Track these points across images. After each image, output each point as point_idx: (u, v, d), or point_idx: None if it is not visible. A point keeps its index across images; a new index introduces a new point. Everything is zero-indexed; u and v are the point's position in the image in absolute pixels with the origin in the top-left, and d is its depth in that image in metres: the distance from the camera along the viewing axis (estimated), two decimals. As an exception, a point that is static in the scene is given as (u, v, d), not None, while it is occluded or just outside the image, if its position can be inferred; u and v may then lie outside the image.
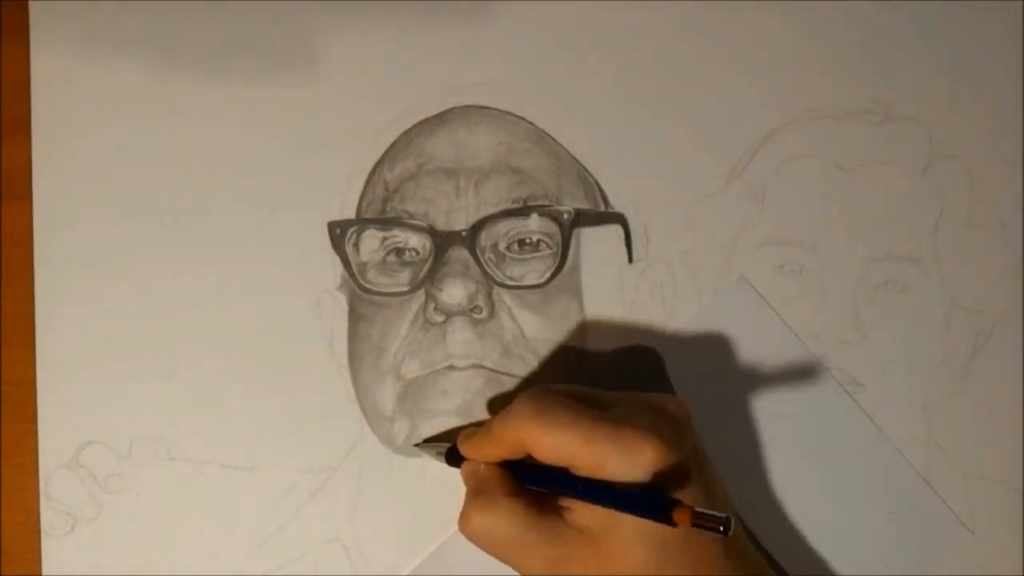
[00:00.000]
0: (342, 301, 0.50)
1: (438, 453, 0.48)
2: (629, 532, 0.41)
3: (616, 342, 0.50)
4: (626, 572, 0.41)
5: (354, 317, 0.50)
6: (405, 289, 0.49)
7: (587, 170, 0.50)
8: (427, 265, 0.49)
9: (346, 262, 0.50)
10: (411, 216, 0.49)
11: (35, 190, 0.50)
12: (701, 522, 0.38)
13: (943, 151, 0.50)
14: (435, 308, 0.49)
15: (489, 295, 0.49)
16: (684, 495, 0.42)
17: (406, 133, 0.50)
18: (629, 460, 0.40)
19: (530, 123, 0.50)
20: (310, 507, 0.49)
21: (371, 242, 0.50)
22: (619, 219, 0.50)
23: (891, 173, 0.50)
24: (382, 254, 0.50)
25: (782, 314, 0.49)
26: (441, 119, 0.50)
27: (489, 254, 0.49)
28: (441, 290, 0.48)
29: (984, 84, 0.50)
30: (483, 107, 0.50)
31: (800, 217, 0.50)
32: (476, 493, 0.44)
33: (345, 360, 0.49)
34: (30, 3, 0.50)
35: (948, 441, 0.49)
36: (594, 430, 0.41)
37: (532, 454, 0.42)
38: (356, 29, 0.50)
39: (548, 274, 0.49)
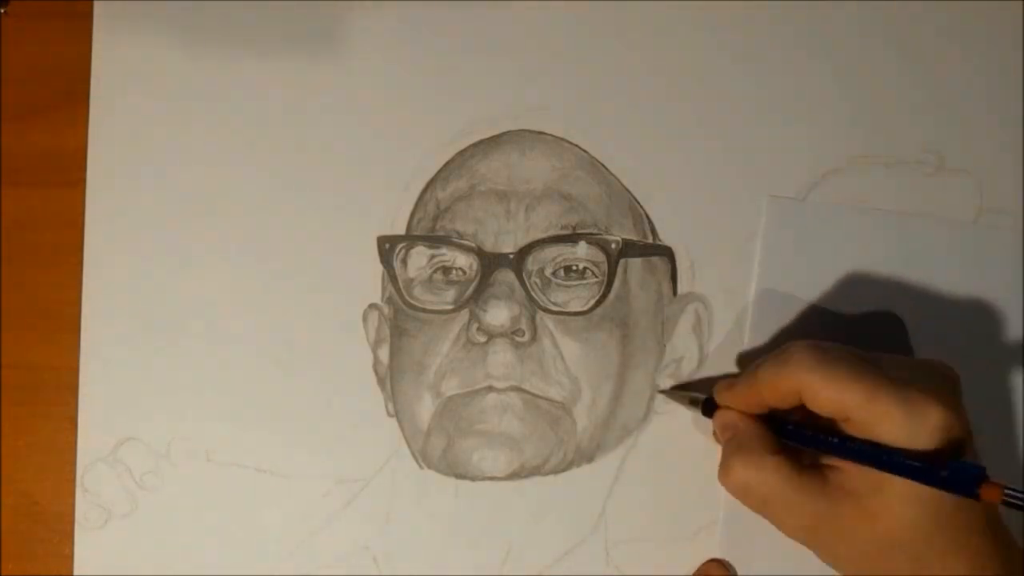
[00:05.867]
0: (387, 315, 0.50)
1: (692, 401, 0.48)
2: (901, 493, 0.40)
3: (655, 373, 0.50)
4: (893, 534, 0.40)
5: (397, 332, 0.50)
6: (450, 307, 0.49)
7: (637, 201, 0.50)
8: (473, 285, 0.49)
9: (393, 277, 0.50)
10: (460, 236, 0.49)
11: (89, 178, 0.50)
12: (1013, 501, 0.36)
13: (993, 205, 0.50)
14: (478, 328, 0.49)
15: (532, 319, 0.49)
16: None
17: (461, 153, 0.50)
18: (914, 422, 0.39)
19: (584, 151, 0.50)
20: (342, 517, 0.50)
21: (419, 259, 0.50)
22: (666, 252, 0.50)
23: (940, 223, 0.50)
24: (429, 271, 0.50)
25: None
26: (496, 142, 0.50)
27: (535, 278, 0.49)
28: (485, 311, 0.49)
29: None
30: (538, 132, 0.50)
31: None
32: (739, 446, 0.43)
33: (386, 374, 0.50)
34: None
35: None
36: (877, 387, 0.40)
37: (807, 404, 0.41)
38: (422, 47, 0.50)
39: (592, 302, 0.49)
